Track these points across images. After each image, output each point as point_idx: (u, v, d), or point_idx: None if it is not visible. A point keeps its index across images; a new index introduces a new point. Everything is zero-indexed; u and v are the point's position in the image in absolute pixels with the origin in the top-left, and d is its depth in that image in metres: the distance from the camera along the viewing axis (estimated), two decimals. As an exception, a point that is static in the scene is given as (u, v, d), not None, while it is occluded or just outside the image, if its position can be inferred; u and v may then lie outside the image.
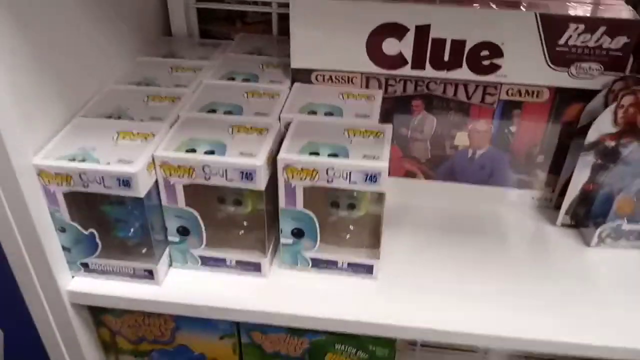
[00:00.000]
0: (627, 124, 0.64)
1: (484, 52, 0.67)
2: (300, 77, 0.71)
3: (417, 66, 0.68)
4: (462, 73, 0.68)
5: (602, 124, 0.65)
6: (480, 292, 0.64)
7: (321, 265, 0.65)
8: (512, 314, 0.61)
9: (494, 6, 0.65)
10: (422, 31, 0.66)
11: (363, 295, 0.63)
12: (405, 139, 0.74)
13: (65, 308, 0.63)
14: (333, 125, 0.63)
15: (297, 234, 0.62)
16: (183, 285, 0.64)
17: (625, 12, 0.65)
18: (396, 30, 0.66)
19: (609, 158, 0.67)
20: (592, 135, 0.66)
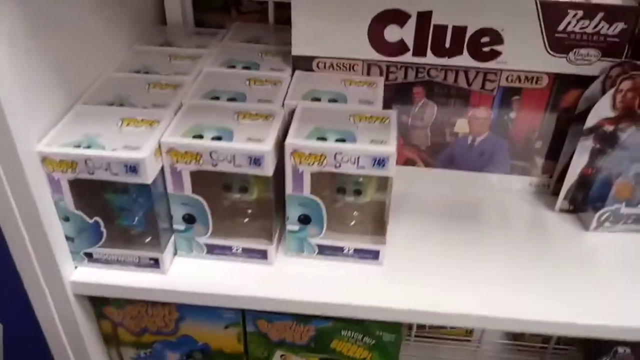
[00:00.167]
0: (625, 108, 0.65)
1: (485, 39, 0.67)
2: (301, 65, 0.71)
3: (419, 53, 0.69)
4: (462, 60, 0.69)
5: (601, 109, 0.66)
6: (484, 276, 0.64)
7: (327, 251, 0.64)
8: (516, 296, 0.62)
9: (495, -8, 0.66)
10: (424, 17, 0.66)
11: (370, 280, 0.63)
12: (406, 127, 0.74)
13: (68, 299, 0.62)
14: (338, 111, 0.63)
15: (304, 220, 0.62)
16: (189, 273, 0.63)
17: (623, -2, 0.66)
18: (398, 17, 0.66)
19: (608, 143, 0.68)
20: (591, 120, 0.67)
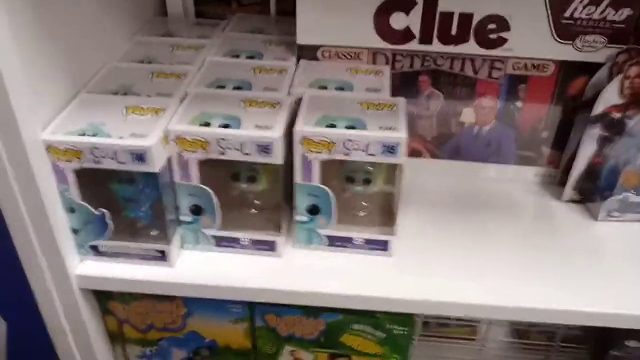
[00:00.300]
0: (632, 95, 0.65)
1: (491, 26, 0.67)
2: (305, 54, 0.70)
3: (425, 40, 0.68)
4: (469, 47, 0.68)
5: (609, 96, 0.65)
6: (493, 266, 0.64)
7: (336, 242, 0.63)
8: (525, 286, 0.61)
9: (502, -22, 0.66)
10: (430, 4, 0.65)
11: (380, 271, 0.62)
12: (412, 117, 0.73)
13: (74, 294, 0.61)
14: (346, 99, 0.62)
15: (313, 210, 0.61)
16: (196, 266, 0.62)
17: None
18: (404, 4, 0.66)
19: (615, 130, 0.67)
20: (598, 107, 0.66)
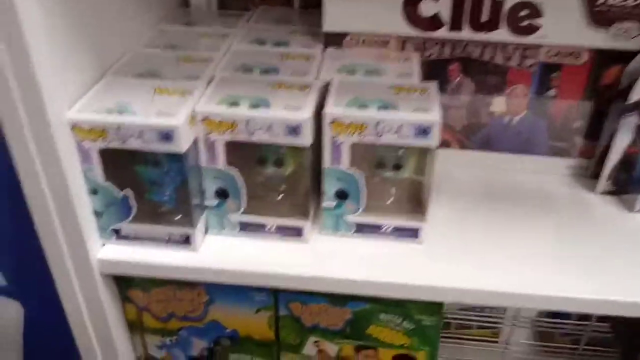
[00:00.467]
0: (670, 82, 0.63)
1: (523, 12, 0.65)
2: (332, 42, 0.69)
3: (455, 27, 0.66)
4: (500, 34, 0.66)
5: (646, 83, 0.64)
6: (525, 255, 0.62)
7: (365, 229, 0.62)
8: (558, 275, 0.59)
9: (534, -38, 0.64)
10: (461, -11, 0.64)
11: (410, 259, 0.60)
12: (441, 106, 0.72)
13: (95, 279, 0.59)
14: (376, 83, 0.61)
15: (341, 195, 0.59)
16: (221, 251, 0.60)
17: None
18: (434, -11, 0.65)
19: (652, 119, 0.65)
20: (635, 95, 0.64)
